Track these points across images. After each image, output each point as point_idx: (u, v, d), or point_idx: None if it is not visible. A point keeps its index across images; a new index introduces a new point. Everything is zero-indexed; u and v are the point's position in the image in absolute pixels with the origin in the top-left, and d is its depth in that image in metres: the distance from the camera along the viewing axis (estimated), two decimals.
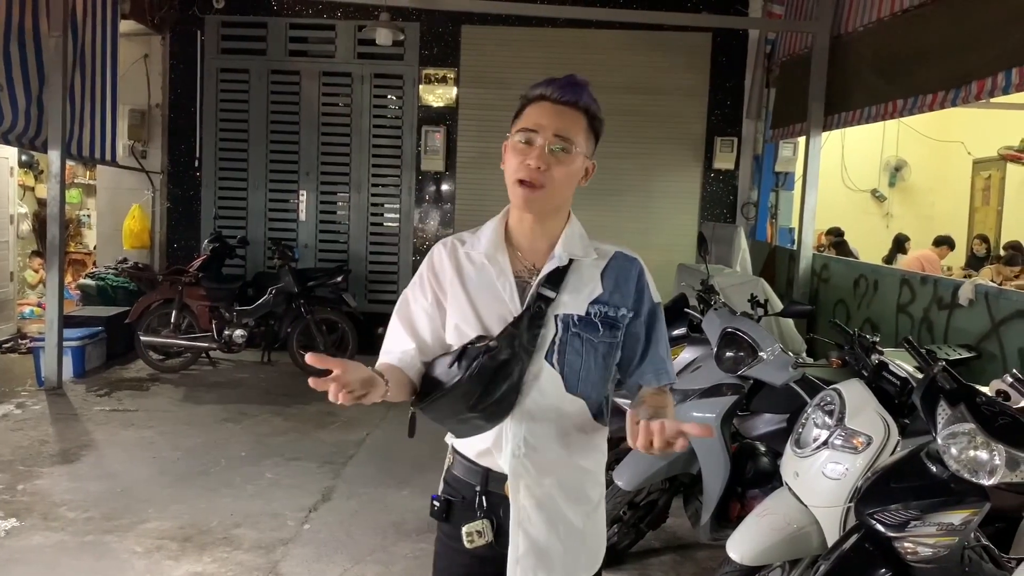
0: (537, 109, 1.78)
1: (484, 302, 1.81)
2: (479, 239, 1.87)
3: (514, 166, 1.77)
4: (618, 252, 1.88)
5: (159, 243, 9.11)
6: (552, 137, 1.74)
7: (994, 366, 4.51)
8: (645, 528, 4.06)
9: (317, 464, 5.36)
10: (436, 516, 1.92)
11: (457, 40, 8.83)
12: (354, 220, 9.08)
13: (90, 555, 3.96)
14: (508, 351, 1.73)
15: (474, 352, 1.74)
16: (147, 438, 5.76)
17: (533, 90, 1.81)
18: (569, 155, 1.76)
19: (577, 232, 1.87)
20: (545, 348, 1.78)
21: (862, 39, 6.62)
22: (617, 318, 1.82)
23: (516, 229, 1.87)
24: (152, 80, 8.91)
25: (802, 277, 7.24)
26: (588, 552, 1.89)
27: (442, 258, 1.88)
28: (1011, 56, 4.64)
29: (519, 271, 1.83)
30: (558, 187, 1.77)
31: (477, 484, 1.85)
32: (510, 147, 1.79)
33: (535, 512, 1.80)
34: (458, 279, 1.84)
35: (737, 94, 8.84)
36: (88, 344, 7.46)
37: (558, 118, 1.76)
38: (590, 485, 1.88)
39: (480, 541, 1.81)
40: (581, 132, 1.78)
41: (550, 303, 1.78)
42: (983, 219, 11.58)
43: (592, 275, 1.83)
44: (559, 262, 1.81)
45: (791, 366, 3.67)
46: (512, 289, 1.81)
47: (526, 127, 1.76)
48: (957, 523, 2.35)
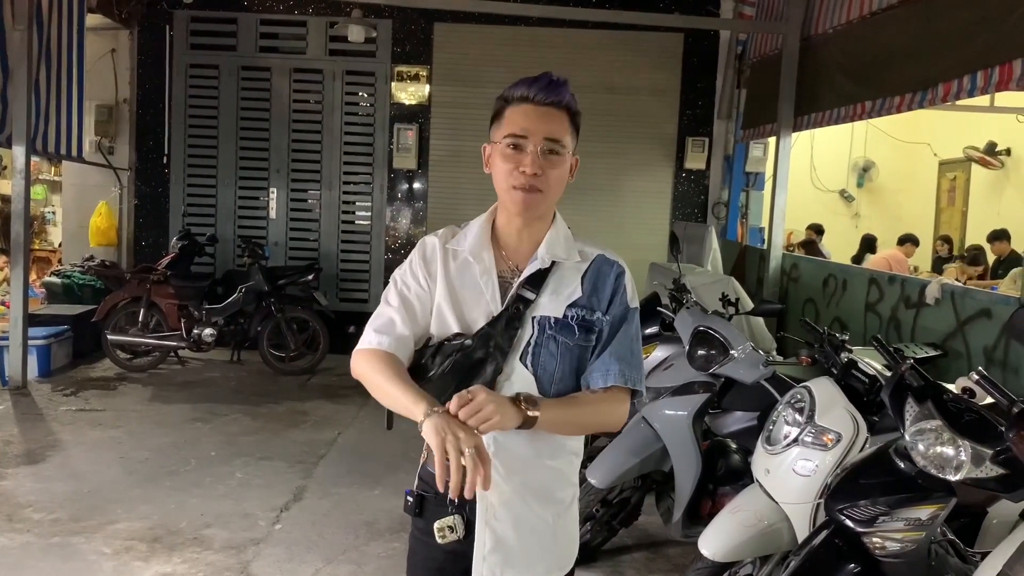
0: (520, 112, 1.76)
1: (466, 299, 1.82)
2: (466, 235, 1.87)
3: (506, 172, 1.76)
4: (600, 255, 1.88)
5: (127, 240, 8.99)
6: (543, 141, 1.74)
7: (960, 364, 4.59)
8: (618, 526, 4.08)
9: (288, 463, 5.32)
10: (409, 511, 1.91)
11: (430, 37, 8.80)
12: (325, 218, 9.02)
13: (56, 557, 3.90)
14: (483, 350, 1.74)
15: (449, 349, 1.76)
16: (115, 438, 5.69)
17: (513, 91, 1.79)
18: (560, 157, 1.77)
19: (562, 233, 1.87)
20: (520, 349, 1.78)
21: (831, 41, 6.70)
22: (593, 321, 1.82)
23: (503, 230, 1.87)
24: (120, 75, 8.78)
25: (772, 276, 7.32)
26: (558, 551, 1.88)
27: (434, 248, 1.87)
28: (976, 59, 4.72)
29: (502, 271, 1.84)
30: (554, 190, 1.79)
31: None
32: (497, 153, 1.78)
33: (502, 510, 1.80)
34: (445, 273, 1.84)
35: (708, 95, 8.91)
36: (54, 343, 7.35)
37: (545, 121, 1.76)
38: (560, 485, 1.87)
39: (451, 536, 1.80)
40: (567, 132, 1.79)
41: (529, 304, 1.79)
42: (949, 219, 11.77)
43: (573, 278, 1.83)
44: (541, 264, 1.81)
45: (762, 364, 3.70)
46: (495, 288, 1.81)
47: (514, 132, 1.75)
48: (924, 518, 2.38)
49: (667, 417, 3.79)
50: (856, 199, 12.78)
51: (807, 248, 10.24)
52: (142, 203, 9.01)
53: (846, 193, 12.72)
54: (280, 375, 7.69)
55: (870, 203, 12.79)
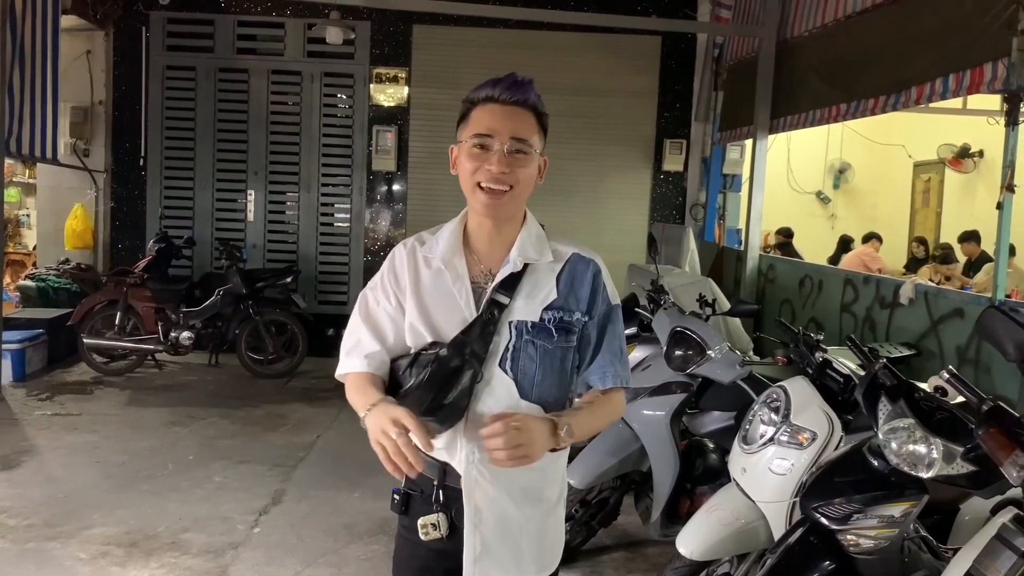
0: (487, 112, 1.76)
1: (439, 307, 1.81)
2: (437, 242, 1.86)
3: (471, 171, 1.76)
4: (575, 253, 1.87)
5: (103, 243, 8.91)
6: (509, 140, 1.74)
7: (933, 363, 4.64)
8: (597, 525, 4.10)
9: (267, 467, 5.29)
10: (395, 509, 1.92)
11: (408, 39, 8.80)
12: (304, 220, 8.99)
13: (32, 563, 3.86)
14: (458, 359, 1.74)
15: (425, 360, 1.76)
16: (91, 442, 5.64)
17: (478, 92, 1.79)
18: (527, 156, 1.77)
19: (534, 233, 1.86)
20: (499, 355, 1.78)
21: (807, 44, 6.76)
22: (572, 322, 1.82)
23: (475, 234, 1.86)
24: (95, 77, 8.71)
25: (749, 277, 7.37)
26: (545, 551, 1.89)
27: (402, 260, 1.87)
28: (948, 63, 4.78)
29: (475, 276, 1.83)
30: (522, 190, 1.78)
31: (435, 478, 1.84)
32: (464, 153, 1.78)
33: (490, 514, 1.81)
34: (415, 283, 1.83)
35: (686, 97, 8.96)
36: (28, 347, 7.27)
37: (511, 120, 1.75)
38: (547, 486, 1.88)
39: (435, 534, 1.81)
40: (534, 131, 1.79)
41: (504, 309, 1.78)
42: (923, 220, 11.92)
43: (547, 279, 1.83)
44: (513, 268, 1.80)
45: (738, 364, 3.74)
46: (468, 295, 1.80)
47: (480, 132, 1.75)
48: (897, 515, 2.41)
49: (645, 417, 3.82)
50: (832, 200, 12.90)
51: (783, 249, 10.34)
52: (118, 205, 8.93)
53: (822, 195, 12.84)
54: (258, 378, 7.65)
55: (846, 204, 12.92)
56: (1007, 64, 4.20)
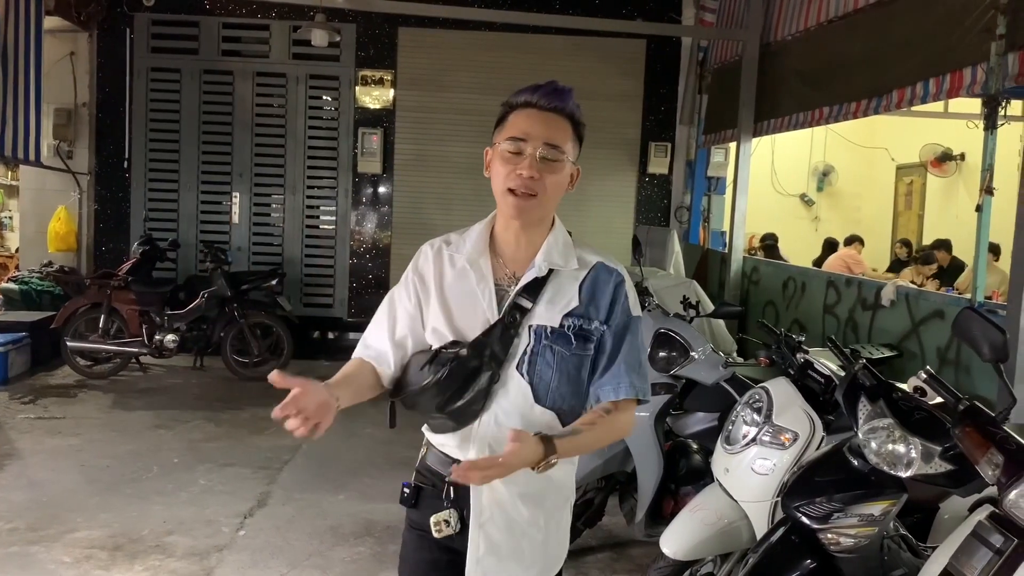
0: (523, 117, 1.77)
1: (462, 307, 1.82)
2: (465, 242, 1.86)
3: (504, 175, 1.76)
4: (600, 263, 1.87)
5: (86, 246, 8.86)
6: (542, 146, 1.74)
7: (915, 364, 4.68)
8: (581, 526, 4.11)
9: (252, 470, 5.28)
10: (405, 503, 1.92)
11: (394, 42, 8.80)
12: (289, 223, 8.98)
13: (14, 566, 3.84)
14: (477, 360, 1.75)
15: (444, 358, 1.76)
16: (74, 446, 5.61)
17: (517, 97, 1.80)
18: (559, 163, 1.77)
19: (561, 240, 1.86)
20: (516, 358, 1.78)
21: (790, 48, 6.82)
22: (591, 331, 1.81)
23: (501, 236, 1.86)
24: (79, 78, 8.67)
25: (733, 279, 7.41)
26: (548, 557, 1.89)
27: (428, 259, 1.88)
28: (928, 67, 4.84)
29: (500, 279, 1.83)
30: (550, 196, 1.78)
31: (447, 474, 1.84)
32: (497, 155, 1.79)
33: (498, 515, 1.82)
34: (439, 282, 1.85)
35: (671, 100, 9.01)
36: (11, 350, 7.22)
37: (546, 126, 1.76)
38: (554, 493, 1.88)
39: (447, 531, 1.83)
40: (569, 139, 1.79)
41: (525, 313, 1.79)
42: (906, 223, 12.01)
43: (570, 287, 1.83)
44: (538, 272, 1.80)
45: (722, 365, 3.77)
46: (491, 296, 1.81)
47: (514, 136, 1.75)
48: (877, 514, 2.45)
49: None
50: (816, 203, 12.97)
51: (768, 251, 10.40)
52: (102, 208, 8.89)
53: (806, 197, 12.91)
54: (243, 381, 7.62)
55: (830, 207, 13.00)
56: (986, 68, 4.26)
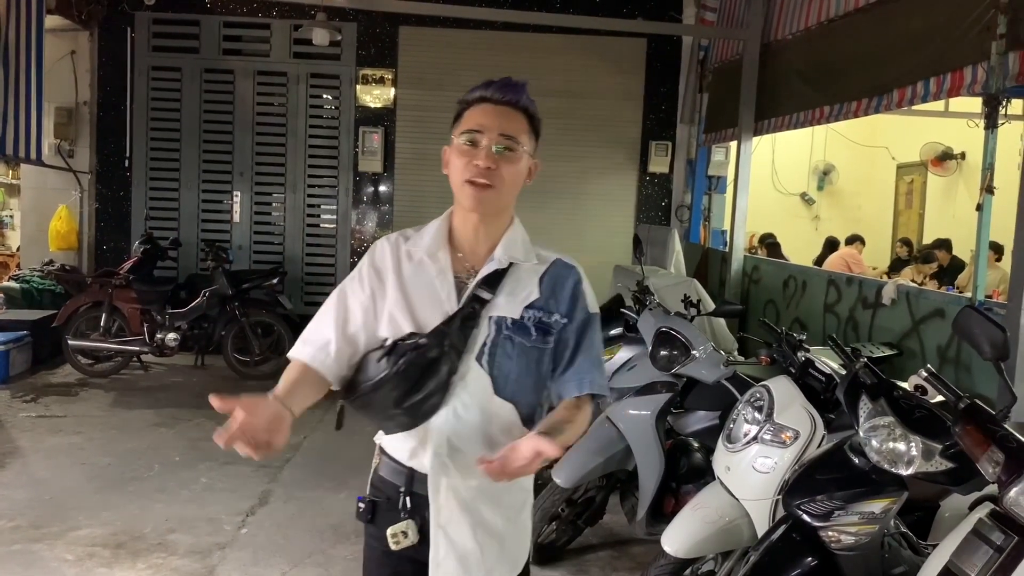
0: (479, 111, 1.80)
1: (420, 298, 1.81)
2: (423, 236, 1.87)
3: (460, 167, 1.78)
4: (558, 259, 1.89)
5: (87, 245, 8.87)
6: (497, 137, 1.76)
7: (915, 362, 4.69)
8: (583, 525, 4.13)
9: (253, 468, 5.28)
10: (361, 518, 1.91)
11: (395, 41, 8.81)
12: (290, 221, 8.99)
13: (17, 564, 3.85)
14: (437, 349, 1.73)
15: (403, 348, 1.75)
16: (76, 444, 5.62)
17: (472, 93, 1.83)
18: (515, 154, 1.79)
19: (519, 236, 1.88)
20: (476, 349, 1.78)
21: (791, 47, 6.82)
22: (551, 323, 1.82)
23: (459, 230, 1.87)
24: (80, 77, 8.67)
25: (734, 278, 7.42)
26: (510, 554, 1.88)
27: (384, 252, 1.88)
28: (929, 66, 4.84)
29: (459, 271, 1.84)
30: (507, 186, 1.79)
31: (402, 485, 1.85)
32: (454, 150, 1.81)
33: (456, 513, 1.80)
34: (397, 274, 1.84)
35: (671, 99, 9.02)
36: (12, 348, 7.22)
37: (501, 118, 1.78)
38: (514, 490, 1.87)
39: (405, 542, 1.81)
40: (524, 132, 1.81)
41: (485, 304, 1.79)
42: (907, 221, 12.01)
43: (530, 280, 1.84)
44: (498, 264, 1.81)
45: (723, 364, 3.78)
46: (450, 288, 1.81)
47: (470, 128, 1.78)
48: (878, 512, 2.45)
49: (631, 417, 3.84)
50: (817, 202, 12.98)
51: (769, 249, 10.40)
52: (103, 206, 8.90)
53: (807, 196, 12.92)
54: (245, 379, 7.63)
55: (830, 206, 13.01)
56: (986, 68, 4.26)
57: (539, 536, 3.93)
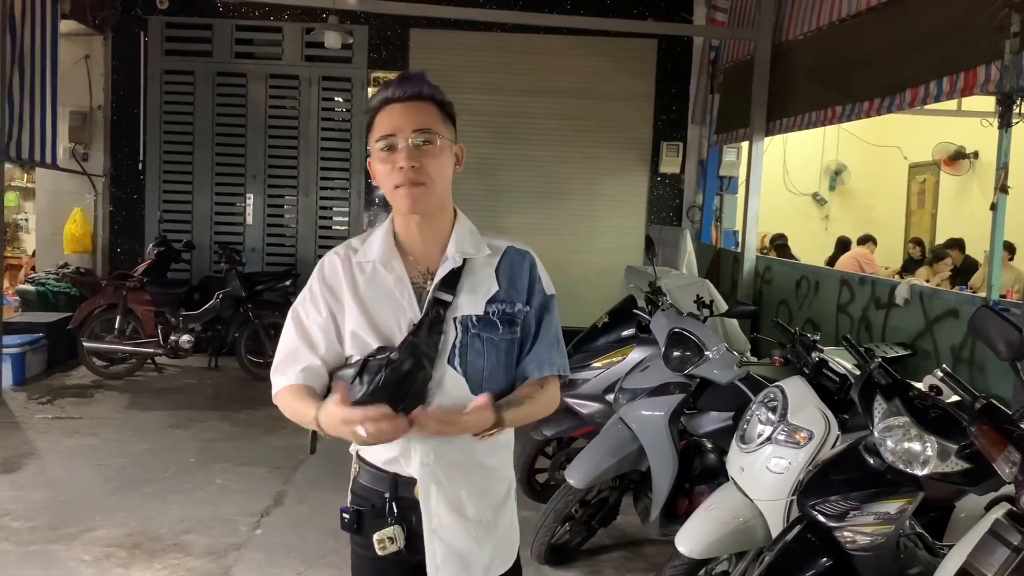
0: (387, 114, 1.78)
1: (382, 310, 1.79)
2: (371, 247, 1.84)
3: (386, 174, 1.76)
4: (510, 247, 1.88)
5: (102, 247, 8.93)
6: (412, 133, 1.74)
7: (929, 363, 4.68)
8: (596, 525, 4.13)
9: (267, 469, 5.32)
10: (347, 528, 1.89)
11: (406, 43, 8.84)
12: (302, 224, 9.03)
13: (36, 564, 3.89)
14: (411, 360, 1.70)
15: (376, 365, 1.71)
16: (92, 445, 5.66)
17: (375, 98, 1.82)
18: (434, 146, 1.76)
19: (467, 229, 1.86)
20: (447, 352, 1.77)
21: (802, 47, 6.81)
22: (514, 313, 1.83)
23: (404, 235, 1.85)
24: (94, 81, 8.74)
25: (746, 278, 7.41)
26: (501, 546, 1.89)
27: (335, 268, 1.85)
28: (942, 65, 4.83)
29: (414, 276, 1.82)
30: (437, 180, 1.77)
31: (386, 491, 1.84)
32: (375, 159, 1.79)
33: (448, 516, 1.80)
34: (353, 288, 1.81)
35: (682, 100, 9.01)
36: (28, 351, 7.28)
37: (410, 114, 1.77)
38: (497, 481, 1.88)
39: (392, 547, 1.80)
40: (437, 121, 1.79)
41: (447, 306, 1.78)
42: (919, 221, 11.96)
43: (487, 274, 1.83)
44: (453, 264, 1.80)
45: (736, 365, 3.77)
46: (411, 295, 1.79)
47: (383, 134, 1.76)
48: (893, 512, 2.45)
49: (644, 418, 3.84)
50: (828, 202, 12.95)
51: (779, 251, 10.38)
52: (117, 209, 8.96)
53: (818, 196, 12.88)
54: (258, 381, 7.65)
55: (842, 206, 12.96)
56: (1000, 67, 4.25)
57: (553, 537, 3.94)
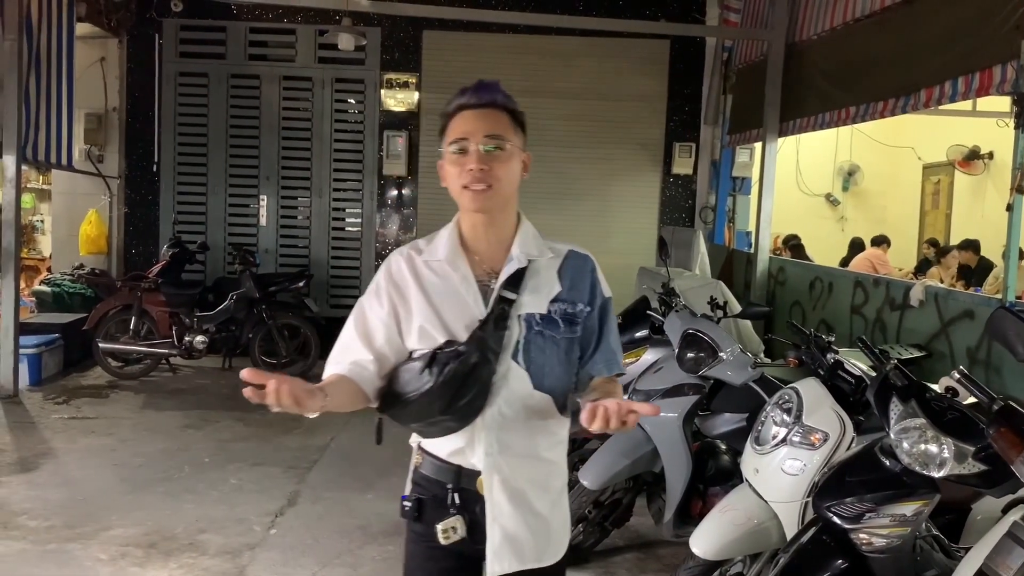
0: (461, 119, 1.87)
1: (449, 307, 1.86)
2: (436, 247, 1.92)
3: (456, 175, 1.85)
4: (571, 250, 1.96)
5: (117, 248, 8.99)
6: (484, 139, 1.82)
7: (944, 364, 4.65)
8: (610, 527, 4.12)
9: (281, 469, 5.34)
10: (407, 516, 1.94)
11: (419, 45, 8.86)
12: (315, 225, 9.06)
13: (53, 563, 3.92)
14: (477, 354, 1.78)
15: (444, 357, 1.79)
16: (107, 445, 5.70)
17: (450, 104, 1.91)
18: (504, 152, 1.84)
19: (530, 232, 1.94)
20: (511, 348, 1.83)
21: (816, 47, 6.78)
22: (576, 313, 1.89)
23: (470, 235, 1.92)
24: (109, 84, 8.80)
25: (759, 280, 7.39)
26: (554, 538, 1.95)
27: (400, 267, 1.92)
28: (957, 65, 4.80)
29: (479, 275, 1.89)
30: (503, 184, 1.84)
31: (449, 482, 1.89)
32: (447, 161, 1.88)
33: (508, 505, 1.86)
34: (420, 286, 1.88)
35: (695, 100, 8.99)
36: (45, 351, 7.34)
37: (484, 121, 1.85)
38: (555, 475, 1.96)
39: (455, 537, 1.86)
40: (508, 128, 1.87)
41: (512, 304, 1.84)
42: (933, 222, 11.90)
43: (550, 275, 1.90)
44: (518, 264, 1.87)
45: (750, 366, 3.77)
46: (476, 294, 1.86)
47: (457, 137, 1.85)
48: (909, 514, 2.44)
49: (658, 419, 3.83)
50: (842, 203, 12.89)
51: (794, 251, 10.34)
52: (132, 211, 9.02)
53: (832, 197, 12.83)
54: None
55: (855, 207, 12.90)
56: (1016, 66, 4.22)
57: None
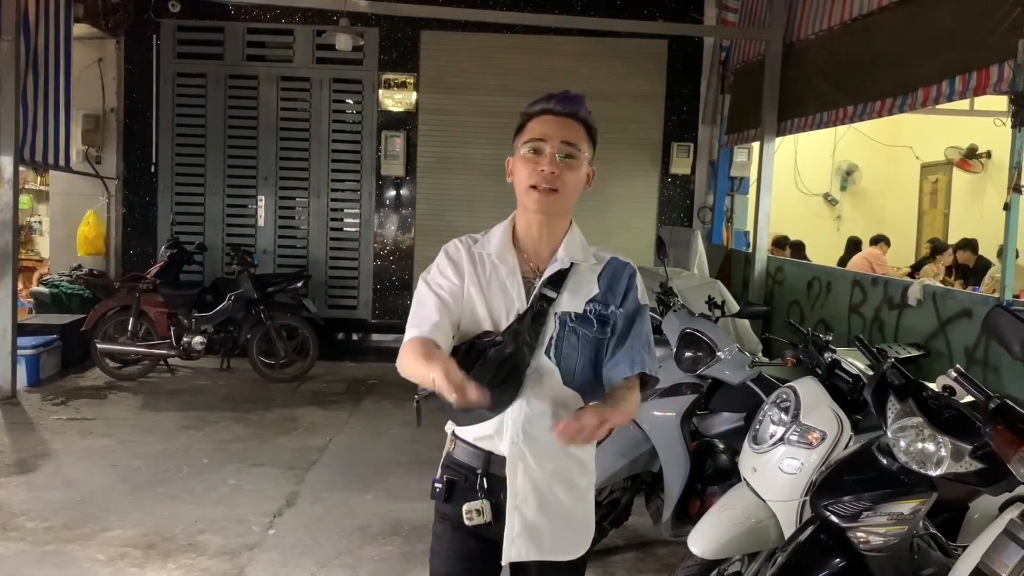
0: (541, 122, 1.94)
1: (495, 297, 1.95)
2: (489, 240, 2.01)
3: (526, 174, 1.92)
4: (613, 257, 2.05)
5: (115, 249, 8.98)
6: (560, 145, 1.91)
7: (942, 363, 4.66)
8: (608, 526, 4.12)
9: (280, 470, 5.34)
10: (438, 497, 2.02)
11: (416, 45, 8.86)
12: (313, 225, 9.06)
13: (51, 564, 3.92)
14: (513, 345, 1.87)
15: (481, 346, 1.89)
16: (106, 446, 5.70)
17: (534, 106, 1.96)
18: (576, 160, 1.94)
19: (578, 238, 2.03)
20: (545, 344, 1.92)
21: (813, 47, 6.79)
22: (608, 314, 1.97)
23: (524, 233, 2.01)
24: (107, 84, 8.80)
25: (757, 279, 7.40)
26: (576, 534, 2.01)
27: (459, 250, 2.00)
28: (954, 65, 4.81)
29: (525, 272, 1.98)
30: (569, 190, 1.94)
31: (479, 467, 1.97)
32: (519, 159, 1.94)
33: (530, 494, 1.93)
34: (473, 272, 1.97)
35: (693, 100, 9.00)
36: (43, 352, 7.34)
37: (562, 128, 1.93)
38: (580, 472, 2.01)
39: (479, 519, 1.93)
40: (583, 140, 1.95)
41: (551, 302, 1.93)
42: (931, 221, 11.91)
43: (590, 279, 1.99)
44: (561, 265, 1.96)
45: (748, 365, 3.77)
46: (520, 287, 1.95)
47: (534, 138, 1.92)
48: (907, 512, 2.44)
49: (656, 418, 3.84)
50: (839, 202, 12.89)
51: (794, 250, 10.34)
52: (130, 212, 9.02)
53: (830, 196, 12.83)
54: (270, 382, 7.70)
55: (853, 206, 12.91)
56: (1013, 66, 4.23)
57: None
